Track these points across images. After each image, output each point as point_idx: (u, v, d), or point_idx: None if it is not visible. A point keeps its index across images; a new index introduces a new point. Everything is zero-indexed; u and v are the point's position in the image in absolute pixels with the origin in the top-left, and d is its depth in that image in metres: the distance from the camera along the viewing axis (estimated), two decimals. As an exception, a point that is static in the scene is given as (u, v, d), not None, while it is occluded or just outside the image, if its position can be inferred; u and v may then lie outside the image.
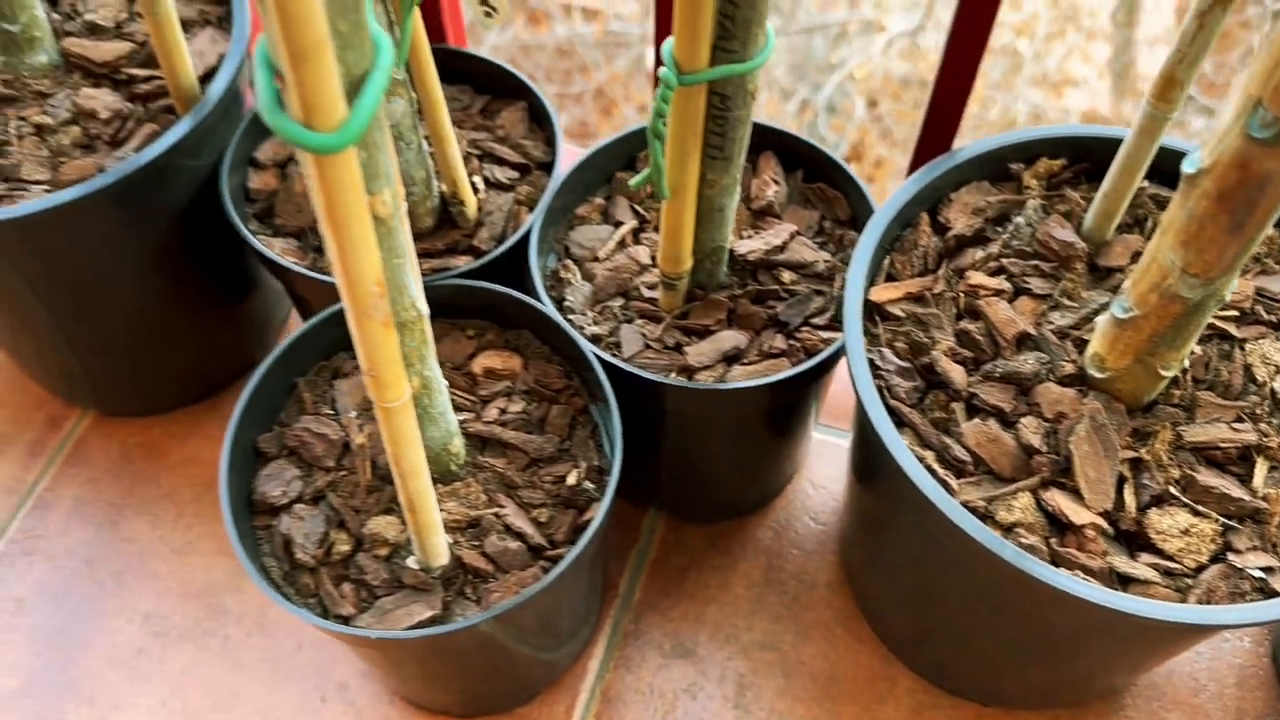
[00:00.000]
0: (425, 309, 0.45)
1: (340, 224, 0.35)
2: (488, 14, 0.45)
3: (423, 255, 0.62)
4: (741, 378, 0.57)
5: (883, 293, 0.54)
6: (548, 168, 0.67)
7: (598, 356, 0.56)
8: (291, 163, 0.66)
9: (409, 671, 0.61)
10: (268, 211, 0.65)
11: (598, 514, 0.52)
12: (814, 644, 0.68)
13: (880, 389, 0.50)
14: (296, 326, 0.82)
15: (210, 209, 0.65)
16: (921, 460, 0.48)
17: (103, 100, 0.63)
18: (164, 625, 0.69)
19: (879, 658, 0.67)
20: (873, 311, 0.54)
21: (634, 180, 0.52)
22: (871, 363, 0.51)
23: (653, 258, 0.62)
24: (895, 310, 0.53)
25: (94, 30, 0.66)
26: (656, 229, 0.64)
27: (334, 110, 0.31)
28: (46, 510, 0.74)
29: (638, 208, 0.65)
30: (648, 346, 0.59)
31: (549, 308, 0.58)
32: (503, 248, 0.61)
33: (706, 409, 0.60)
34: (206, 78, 0.64)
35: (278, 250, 0.62)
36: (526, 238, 0.62)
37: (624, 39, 2.32)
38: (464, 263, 0.62)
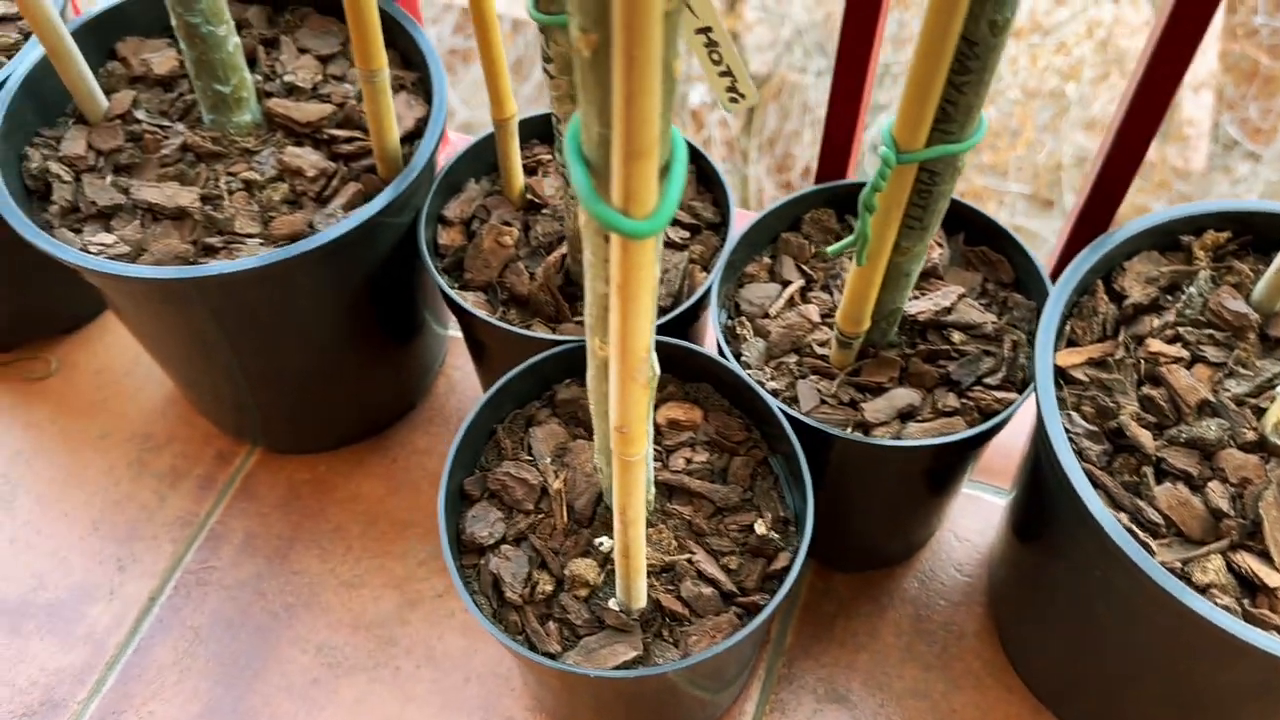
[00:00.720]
0: (658, 369, 0.48)
1: (632, 298, 0.38)
2: (733, 99, 0.48)
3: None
4: (918, 434, 0.60)
5: (1066, 357, 0.56)
6: (715, 228, 0.70)
7: (782, 410, 0.59)
8: (475, 220, 0.70)
9: (584, 705, 0.63)
10: (455, 265, 0.68)
11: (795, 562, 0.54)
12: (965, 693, 0.70)
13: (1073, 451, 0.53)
14: (451, 371, 0.86)
15: (399, 262, 0.69)
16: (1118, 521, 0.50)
17: (308, 159, 0.67)
18: (336, 656, 0.72)
19: (1029, 708, 0.69)
20: (1057, 375, 0.56)
21: (833, 248, 0.55)
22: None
23: (822, 316, 0.65)
24: (1078, 375, 0.56)
25: (292, 91, 0.71)
26: (823, 288, 0.67)
27: (650, 200, 0.35)
28: (219, 543, 0.78)
29: (804, 267, 0.68)
30: (823, 401, 0.62)
31: (733, 363, 0.61)
32: (685, 305, 0.64)
33: (878, 463, 0.62)
34: (404, 140, 0.68)
35: (470, 302, 0.65)
36: (705, 295, 0.65)
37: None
38: (644, 318, 0.65)
